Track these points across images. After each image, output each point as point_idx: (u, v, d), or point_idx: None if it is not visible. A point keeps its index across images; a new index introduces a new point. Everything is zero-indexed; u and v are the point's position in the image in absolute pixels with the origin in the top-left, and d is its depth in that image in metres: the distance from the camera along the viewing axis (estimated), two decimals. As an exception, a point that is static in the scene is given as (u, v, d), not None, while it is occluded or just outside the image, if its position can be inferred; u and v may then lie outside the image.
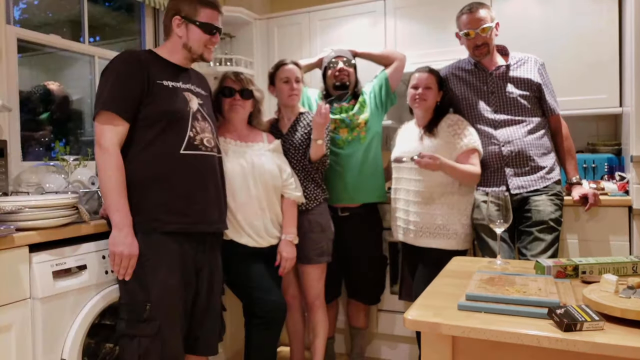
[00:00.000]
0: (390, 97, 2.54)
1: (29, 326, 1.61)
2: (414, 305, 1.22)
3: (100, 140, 1.66)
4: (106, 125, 1.66)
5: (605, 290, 1.16)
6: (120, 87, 1.68)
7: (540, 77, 2.27)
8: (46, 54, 2.61)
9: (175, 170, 1.73)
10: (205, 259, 1.84)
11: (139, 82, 1.69)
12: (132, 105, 1.69)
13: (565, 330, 1.01)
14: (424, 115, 2.29)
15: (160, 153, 1.72)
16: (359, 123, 2.44)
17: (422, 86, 2.23)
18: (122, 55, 1.77)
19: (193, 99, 1.83)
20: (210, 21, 1.80)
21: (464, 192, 2.22)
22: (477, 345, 1.12)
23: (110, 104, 1.66)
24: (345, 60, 2.48)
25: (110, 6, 3.04)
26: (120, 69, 1.71)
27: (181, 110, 1.77)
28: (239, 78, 2.10)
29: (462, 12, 2.27)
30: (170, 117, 1.73)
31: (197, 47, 1.81)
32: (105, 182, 1.65)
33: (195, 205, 1.76)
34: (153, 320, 1.67)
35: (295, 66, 2.31)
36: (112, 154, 1.65)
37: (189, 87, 1.85)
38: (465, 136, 2.19)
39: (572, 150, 2.32)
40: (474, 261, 1.72)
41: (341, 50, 2.54)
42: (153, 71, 1.74)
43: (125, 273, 1.66)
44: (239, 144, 2.11)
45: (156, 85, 1.73)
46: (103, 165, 1.65)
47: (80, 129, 2.82)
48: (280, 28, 3.36)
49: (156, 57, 1.81)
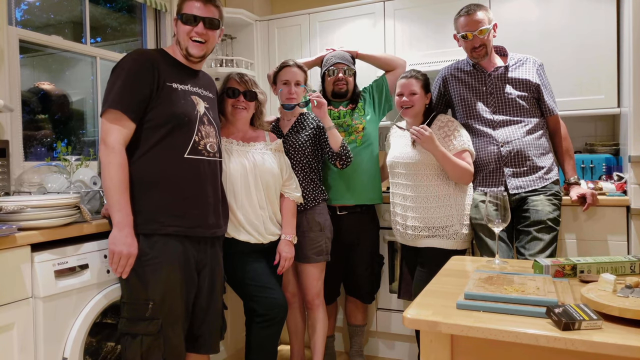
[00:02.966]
0: (389, 102, 2.56)
1: (31, 325, 1.62)
2: (413, 304, 1.23)
3: (106, 138, 1.66)
4: (113, 124, 1.66)
5: (603, 290, 1.16)
6: (130, 86, 1.68)
7: (539, 77, 2.28)
8: (48, 55, 2.62)
9: (177, 174, 1.74)
10: (207, 258, 1.85)
11: (148, 83, 1.69)
12: (141, 106, 1.69)
13: (563, 329, 1.02)
14: (413, 120, 2.29)
15: (164, 156, 1.72)
16: (356, 128, 2.46)
17: (406, 93, 2.24)
18: (133, 54, 1.76)
19: (200, 102, 1.83)
20: (190, 11, 1.77)
21: (461, 192, 2.22)
22: (475, 344, 1.13)
23: (118, 103, 1.66)
24: (346, 69, 2.48)
25: (112, 7, 3.04)
26: (131, 68, 1.70)
27: (188, 114, 1.77)
28: (243, 79, 2.10)
29: (460, 15, 2.28)
30: (177, 121, 1.73)
31: (183, 41, 1.80)
32: (108, 180, 1.65)
33: (194, 209, 1.77)
34: (155, 319, 1.68)
35: (298, 69, 2.31)
36: (117, 153, 1.65)
37: (197, 91, 1.85)
38: (456, 137, 2.20)
39: (570, 151, 2.33)
40: (472, 260, 1.73)
41: (342, 57, 2.52)
42: (163, 72, 1.74)
43: (122, 271, 1.66)
44: (242, 144, 2.12)
45: (165, 87, 1.73)
46: (107, 164, 1.65)
47: (81, 129, 2.83)
48: (281, 29, 3.37)
49: (167, 58, 1.81)
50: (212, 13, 1.80)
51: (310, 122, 2.33)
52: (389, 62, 2.61)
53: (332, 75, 2.49)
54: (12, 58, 2.24)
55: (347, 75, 2.48)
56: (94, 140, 2.84)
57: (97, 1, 2.88)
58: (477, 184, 2.29)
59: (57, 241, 1.73)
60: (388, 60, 2.62)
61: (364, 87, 2.62)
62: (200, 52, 1.81)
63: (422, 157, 2.20)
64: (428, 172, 2.21)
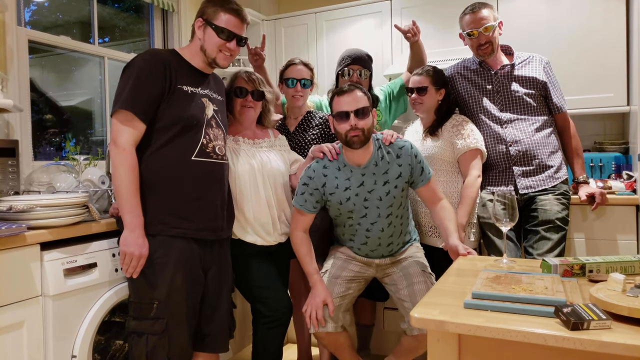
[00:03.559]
0: (405, 105, 2.53)
1: (41, 323, 1.64)
2: (420, 303, 1.23)
3: (117, 139, 1.66)
4: (124, 125, 1.66)
5: (613, 289, 1.15)
6: (142, 87, 1.68)
7: (546, 75, 2.26)
8: (56, 55, 2.64)
9: (184, 176, 1.74)
10: (214, 257, 1.86)
11: (160, 84, 1.70)
12: (152, 107, 1.69)
13: (572, 329, 1.01)
14: (426, 117, 2.29)
15: (171, 157, 1.73)
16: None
17: (416, 90, 2.24)
18: (146, 55, 1.76)
19: (209, 105, 1.84)
20: (227, 27, 1.78)
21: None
22: (483, 344, 1.12)
23: (130, 105, 1.66)
24: (361, 71, 2.37)
25: (120, 7, 3.06)
26: (144, 69, 1.70)
27: (197, 117, 1.78)
28: (251, 78, 2.10)
29: (465, 13, 2.28)
30: (185, 123, 1.74)
31: (210, 50, 1.80)
32: (119, 181, 1.65)
33: (200, 212, 1.78)
34: (160, 318, 1.69)
35: (304, 67, 2.30)
36: (128, 154, 1.66)
37: (207, 93, 1.85)
38: (468, 136, 2.19)
39: (579, 149, 2.31)
40: (480, 260, 1.72)
41: (358, 56, 2.39)
42: (175, 74, 1.74)
43: (133, 272, 1.68)
44: (249, 142, 2.12)
45: (177, 90, 1.74)
46: (118, 165, 1.65)
47: (90, 129, 2.85)
48: (287, 28, 3.38)
49: (179, 59, 1.81)
50: (244, 32, 1.85)
51: (317, 120, 2.32)
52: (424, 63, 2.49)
53: (346, 76, 2.39)
54: (21, 58, 2.26)
55: (362, 78, 2.38)
56: (102, 139, 2.86)
57: (105, 1, 2.90)
58: (486, 183, 2.28)
59: (66, 240, 1.74)
60: (424, 62, 2.50)
61: (380, 87, 2.56)
62: (228, 64, 1.85)
63: (430, 152, 2.21)
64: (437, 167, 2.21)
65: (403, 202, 2.00)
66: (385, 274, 2.05)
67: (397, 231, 2.01)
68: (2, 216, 1.65)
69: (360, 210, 1.95)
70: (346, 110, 1.86)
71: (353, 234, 2.01)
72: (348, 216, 1.98)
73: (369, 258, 2.02)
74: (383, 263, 2.03)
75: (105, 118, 2.82)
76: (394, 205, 1.95)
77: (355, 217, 1.97)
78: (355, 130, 1.84)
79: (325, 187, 1.96)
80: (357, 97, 1.87)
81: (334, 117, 1.92)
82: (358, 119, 1.85)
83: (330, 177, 1.96)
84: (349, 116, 1.85)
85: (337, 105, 1.90)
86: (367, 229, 1.97)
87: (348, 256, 2.05)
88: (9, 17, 2.17)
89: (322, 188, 1.97)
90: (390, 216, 1.96)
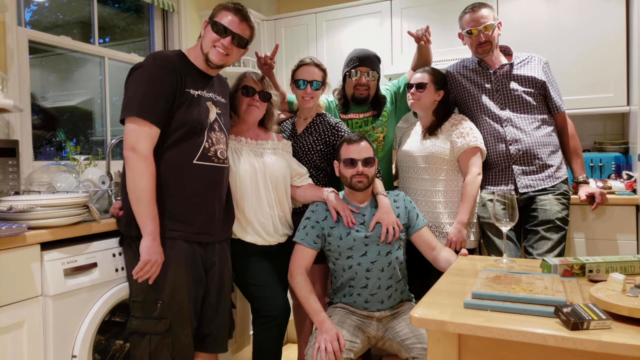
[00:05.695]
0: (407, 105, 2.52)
1: (41, 323, 1.64)
2: (420, 303, 1.23)
3: (137, 146, 1.64)
4: (142, 132, 1.64)
5: (613, 289, 1.16)
6: (157, 94, 1.67)
7: (545, 74, 2.26)
8: (57, 55, 2.65)
9: (186, 179, 1.74)
10: (214, 257, 1.86)
11: (172, 90, 1.69)
12: (166, 113, 1.69)
13: (572, 329, 1.01)
14: (424, 115, 2.30)
15: (173, 161, 1.73)
16: (377, 137, 2.41)
17: (415, 85, 2.25)
18: (157, 59, 1.74)
19: (213, 108, 1.84)
20: (224, 23, 1.77)
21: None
22: (483, 343, 1.13)
23: (147, 112, 1.64)
24: (369, 72, 2.33)
25: (120, 7, 3.06)
26: (157, 74, 1.68)
27: (201, 121, 1.77)
28: (260, 79, 2.10)
29: (465, 12, 2.29)
30: (189, 127, 1.74)
31: (205, 45, 1.79)
32: (140, 190, 1.63)
33: (200, 215, 1.78)
34: (164, 318, 1.69)
35: (316, 68, 2.23)
36: (150, 162, 1.65)
37: (211, 96, 1.85)
38: (468, 135, 2.19)
39: (578, 149, 2.31)
40: (480, 259, 1.72)
41: (366, 57, 2.34)
42: (183, 78, 1.74)
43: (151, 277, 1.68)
44: (252, 142, 2.12)
45: (185, 94, 1.74)
46: (141, 173, 1.63)
47: (90, 129, 2.85)
48: (287, 29, 3.38)
49: (186, 61, 1.80)
50: (244, 32, 1.81)
51: (326, 125, 2.28)
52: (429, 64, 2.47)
53: (353, 78, 2.35)
54: (21, 59, 2.26)
55: (370, 79, 2.33)
56: (103, 139, 2.86)
57: (105, 1, 2.90)
58: (486, 182, 2.28)
59: (66, 240, 1.74)
60: (429, 63, 2.49)
61: (386, 87, 2.51)
62: (220, 61, 1.81)
63: (429, 152, 2.21)
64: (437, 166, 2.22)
65: (401, 244, 2.06)
66: (386, 329, 1.99)
67: (397, 275, 2.02)
68: (3, 216, 1.65)
69: (360, 248, 2.00)
70: (355, 158, 2.01)
71: (353, 277, 2.01)
72: (348, 255, 2.01)
73: (369, 311, 2.01)
74: (384, 316, 2.01)
75: (105, 118, 2.83)
76: (393, 244, 2.01)
77: (355, 255, 2.00)
78: (361, 176, 2.02)
79: (327, 220, 2.05)
80: (365, 147, 2.05)
81: (341, 163, 2.07)
82: (364, 167, 2.01)
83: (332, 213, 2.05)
84: (356, 164, 2.01)
85: (346, 153, 2.04)
86: (367, 269, 1.99)
87: (347, 310, 2.04)
88: (9, 17, 2.18)
89: (323, 222, 2.04)
90: (390, 255, 2.00)
